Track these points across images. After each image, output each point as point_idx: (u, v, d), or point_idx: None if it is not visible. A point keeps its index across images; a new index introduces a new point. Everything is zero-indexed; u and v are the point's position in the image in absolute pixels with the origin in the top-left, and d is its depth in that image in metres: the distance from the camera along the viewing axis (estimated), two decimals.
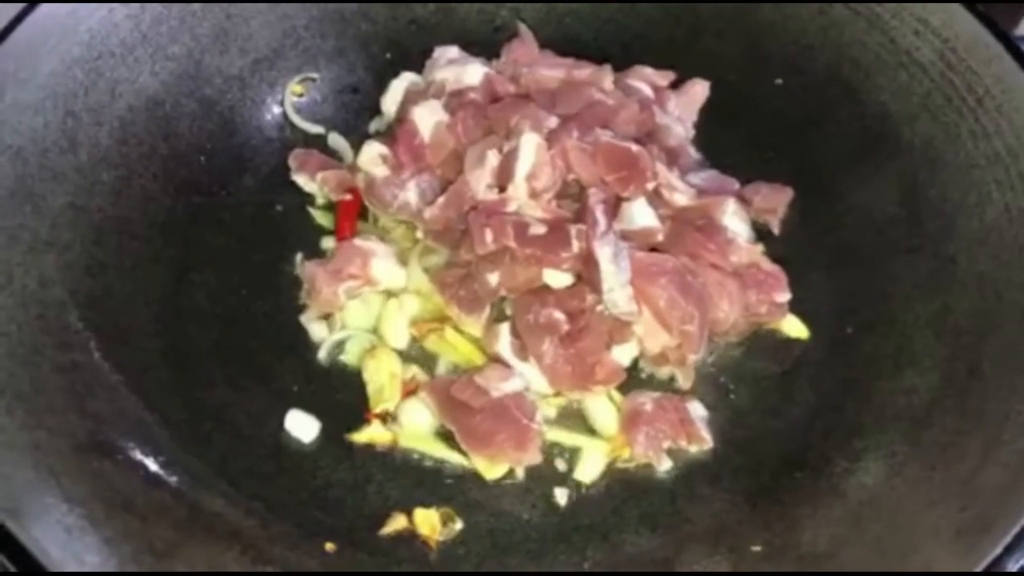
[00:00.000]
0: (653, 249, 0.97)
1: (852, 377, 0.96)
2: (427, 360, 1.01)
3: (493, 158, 0.98)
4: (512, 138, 0.98)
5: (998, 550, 0.69)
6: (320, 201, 1.11)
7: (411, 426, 0.96)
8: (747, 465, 0.94)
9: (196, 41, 1.09)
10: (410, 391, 0.98)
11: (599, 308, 0.94)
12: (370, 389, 0.98)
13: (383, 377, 0.98)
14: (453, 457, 0.94)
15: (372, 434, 0.95)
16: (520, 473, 0.94)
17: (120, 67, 1.03)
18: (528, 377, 0.96)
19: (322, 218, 1.11)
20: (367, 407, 0.97)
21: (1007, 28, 1.22)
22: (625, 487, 0.94)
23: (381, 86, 1.14)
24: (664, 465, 0.94)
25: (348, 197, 1.09)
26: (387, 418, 0.97)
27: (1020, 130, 0.92)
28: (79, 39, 1.00)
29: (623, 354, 0.96)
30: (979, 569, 0.69)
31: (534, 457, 0.92)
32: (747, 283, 0.98)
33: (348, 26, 1.18)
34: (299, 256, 1.07)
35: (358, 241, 1.03)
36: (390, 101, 1.13)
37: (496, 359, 0.97)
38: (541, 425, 0.94)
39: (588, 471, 0.94)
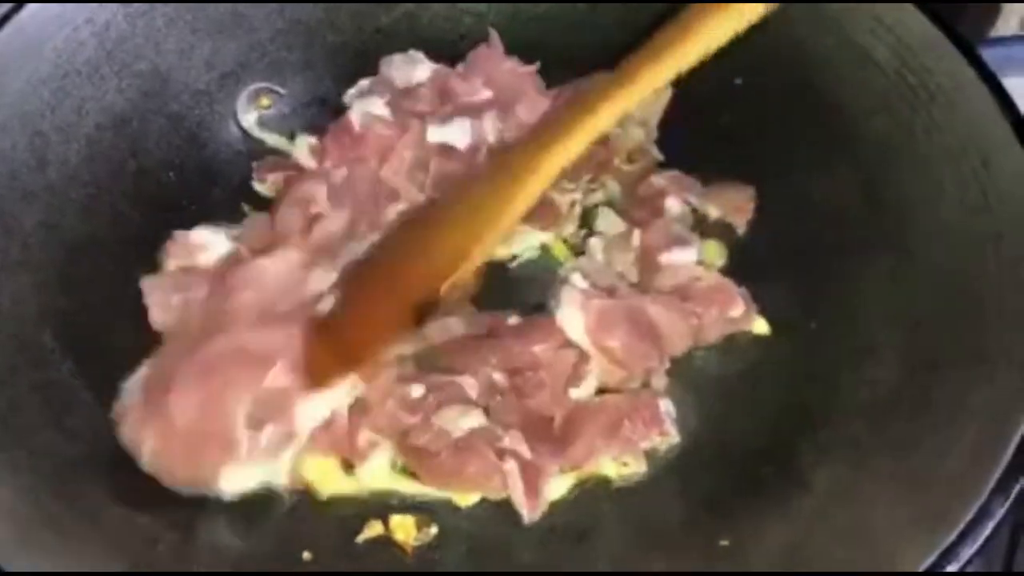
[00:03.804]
0: None
1: (816, 371, 0.98)
2: None
3: None
4: None
5: (952, 538, 0.71)
6: None
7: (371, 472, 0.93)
8: (714, 461, 0.95)
9: (162, 57, 1.10)
10: None
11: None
12: None
13: None
14: (426, 491, 0.93)
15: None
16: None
17: (86, 85, 1.04)
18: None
19: None
20: None
21: (983, 29, 1.24)
22: (597, 487, 0.95)
23: None
24: (636, 464, 0.95)
25: None
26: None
27: (971, 125, 0.93)
28: (45, 58, 1.00)
29: (582, 392, 0.97)
30: (932, 559, 0.70)
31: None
32: (696, 304, 0.99)
33: (314, 37, 1.18)
34: None
35: None
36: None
37: None
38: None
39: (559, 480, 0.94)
